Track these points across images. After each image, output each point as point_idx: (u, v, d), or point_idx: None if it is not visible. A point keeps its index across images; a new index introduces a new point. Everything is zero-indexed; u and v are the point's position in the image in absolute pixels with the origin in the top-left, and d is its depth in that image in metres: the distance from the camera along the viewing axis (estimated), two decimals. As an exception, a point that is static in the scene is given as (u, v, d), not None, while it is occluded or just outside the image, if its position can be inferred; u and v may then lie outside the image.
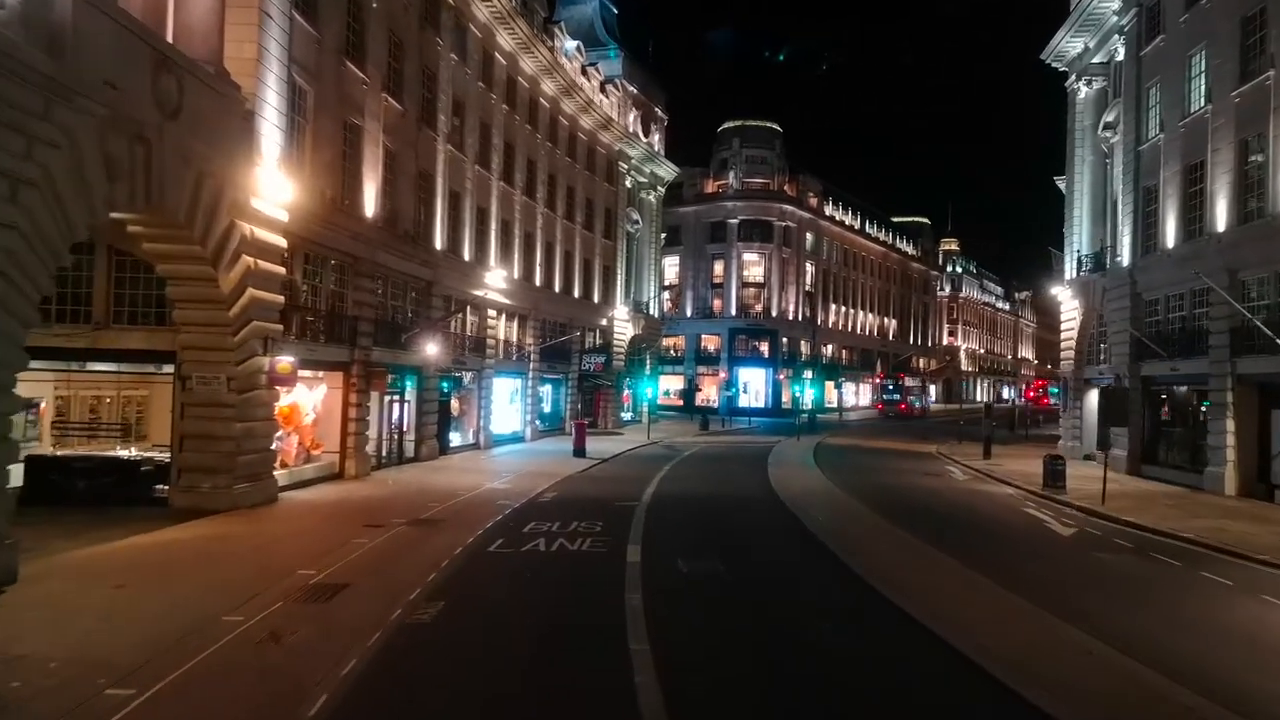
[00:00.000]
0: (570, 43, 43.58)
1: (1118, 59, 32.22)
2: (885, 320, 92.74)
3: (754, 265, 73.70)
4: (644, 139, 52.99)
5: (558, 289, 41.57)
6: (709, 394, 69.68)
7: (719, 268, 73.78)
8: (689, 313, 73.38)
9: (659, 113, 57.08)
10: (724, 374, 70.26)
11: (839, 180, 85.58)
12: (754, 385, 72.58)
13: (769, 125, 75.24)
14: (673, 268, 73.02)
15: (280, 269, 19.02)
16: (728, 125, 75.10)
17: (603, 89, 47.54)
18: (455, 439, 31.87)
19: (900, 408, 75.58)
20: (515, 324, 37.30)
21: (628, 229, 51.69)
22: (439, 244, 29.56)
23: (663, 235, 60.67)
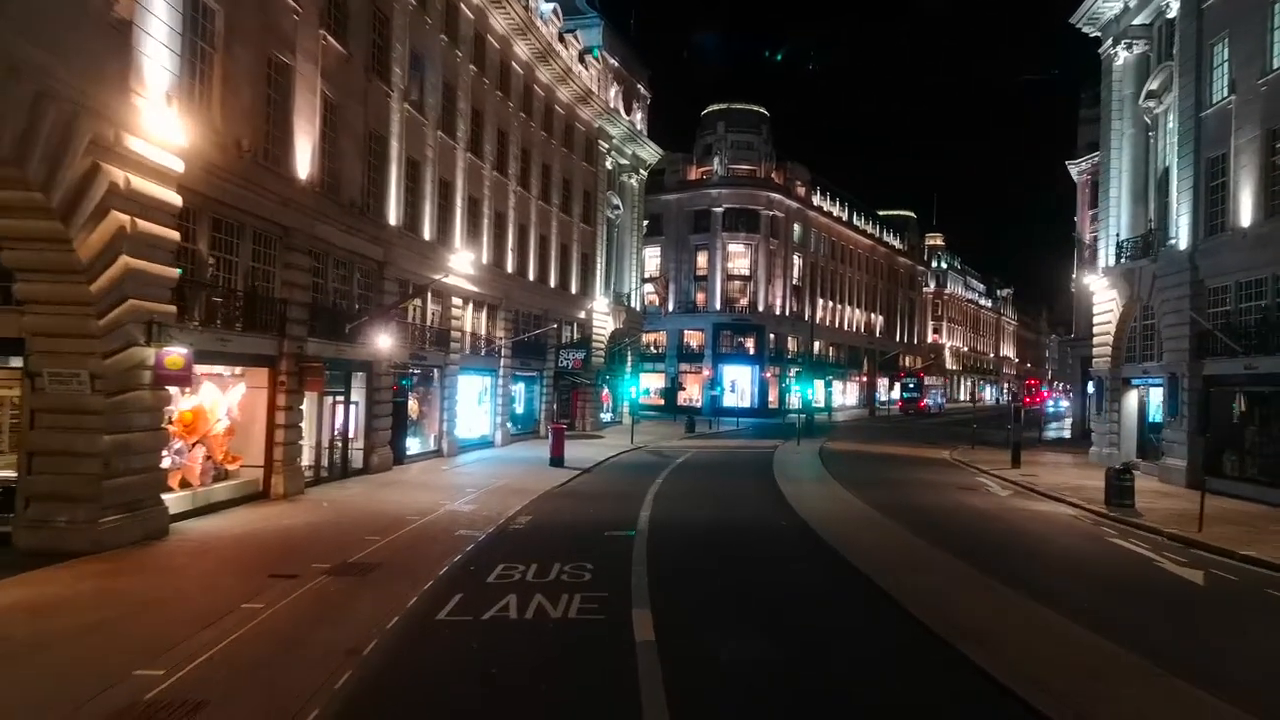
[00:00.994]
0: (547, 4, 39.22)
1: (1168, 16, 28.45)
2: (872, 316, 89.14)
3: (739, 257, 69.53)
4: (625, 116, 48.69)
5: (532, 277, 37.21)
6: (692, 393, 65.69)
7: (703, 259, 69.53)
8: (671, 307, 69.05)
9: (642, 90, 52.83)
10: (709, 372, 66.09)
11: (824, 170, 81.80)
12: (740, 384, 68.42)
13: (755, 109, 71.06)
14: (654, 259, 68.30)
15: (172, 233, 14.57)
16: (712, 108, 70.93)
17: (581, 60, 43.20)
18: (414, 445, 27.51)
19: (920, 405, 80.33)
20: (484, 315, 32.92)
21: (608, 214, 47.37)
22: (393, 219, 25.12)
23: (644, 223, 56.36)
